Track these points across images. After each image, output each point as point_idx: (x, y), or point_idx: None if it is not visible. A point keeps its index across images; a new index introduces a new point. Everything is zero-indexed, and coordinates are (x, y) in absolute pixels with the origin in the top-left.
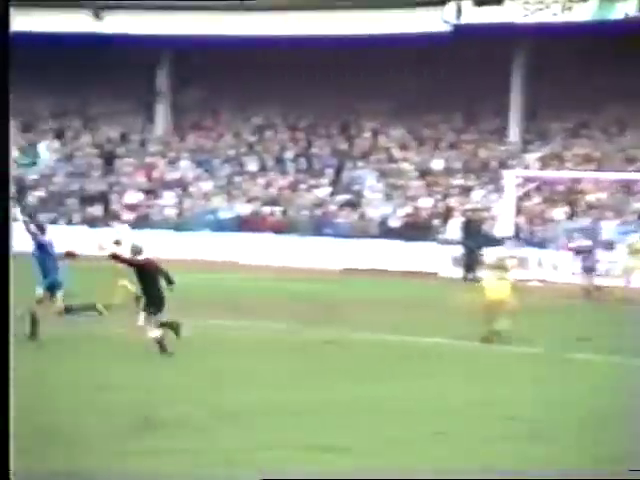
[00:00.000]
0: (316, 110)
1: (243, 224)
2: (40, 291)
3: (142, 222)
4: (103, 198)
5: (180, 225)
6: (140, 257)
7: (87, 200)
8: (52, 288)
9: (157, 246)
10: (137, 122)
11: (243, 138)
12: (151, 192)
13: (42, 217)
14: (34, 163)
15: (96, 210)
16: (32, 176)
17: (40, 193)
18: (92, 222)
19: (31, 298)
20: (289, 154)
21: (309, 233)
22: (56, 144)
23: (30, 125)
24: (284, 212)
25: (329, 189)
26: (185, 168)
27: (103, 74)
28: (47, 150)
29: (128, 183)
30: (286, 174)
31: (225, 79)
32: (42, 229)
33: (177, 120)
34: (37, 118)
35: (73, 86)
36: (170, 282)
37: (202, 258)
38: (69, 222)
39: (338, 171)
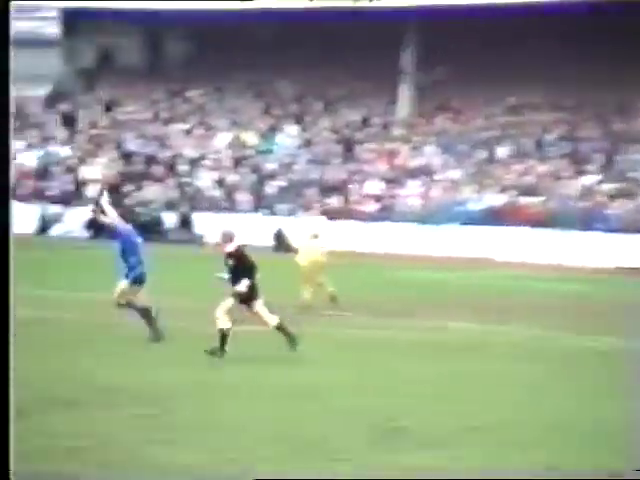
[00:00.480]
0: (583, 87)
1: (496, 216)
2: (124, 284)
3: (384, 214)
4: (343, 188)
5: (425, 218)
6: (231, 245)
7: (326, 190)
8: (137, 282)
9: (399, 240)
10: (379, 104)
11: (495, 120)
12: (393, 181)
13: (280, 208)
14: (271, 150)
15: (335, 201)
16: (270, 164)
17: (280, 182)
18: (331, 214)
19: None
20: (550, 137)
21: (574, 227)
22: (295, 129)
23: (269, 109)
24: (544, 203)
25: (597, 177)
26: (430, 154)
27: (346, 53)
28: (286, 136)
29: (369, 171)
30: (547, 160)
31: (475, 55)
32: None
33: (422, 101)
34: (279, 101)
35: (313, 67)
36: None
37: (449, 254)
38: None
39: (609, 156)
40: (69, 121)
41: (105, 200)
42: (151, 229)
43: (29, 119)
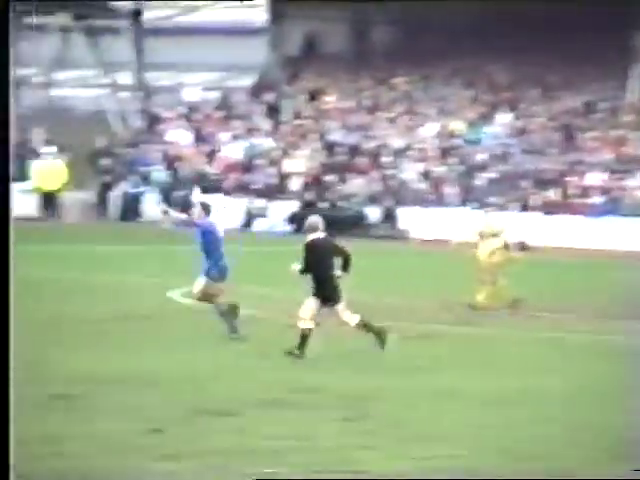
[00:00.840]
0: None
1: None
2: (203, 280)
3: (609, 207)
4: (560, 179)
5: None
6: (313, 235)
7: (542, 182)
8: (219, 277)
9: (628, 236)
10: (605, 89)
11: None
12: (620, 171)
13: (492, 201)
14: (479, 140)
15: (552, 194)
16: (480, 155)
17: (491, 174)
18: (548, 207)
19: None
20: None
21: None
22: (508, 117)
23: (479, 96)
24: None
25: None
26: None
27: (561, 36)
28: (497, 125)
29: (591, 161)
30: None
31: None
32: (207, 210)
33: None
34: (490, 88)
35: (526, 52)
36: (345, 269)
37: None
38: (523, 208)
39: None
40: (273, 112)
41: (197, 195)
42: (354, 224)
43: (234, 110)
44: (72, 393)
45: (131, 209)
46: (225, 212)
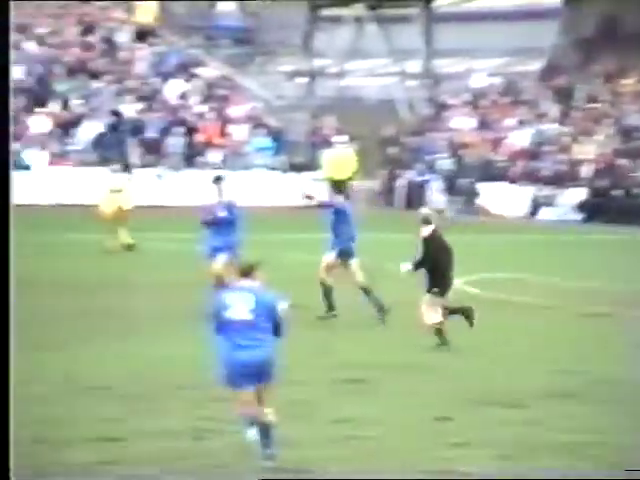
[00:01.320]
0: None
1: None
2: (331, 256)
3: None
4: None
5: None
6: (427, 228)
7: None
8: (343, 255)
9: None
10: None
11: None
12: None
13: None
14: None
15: None
16: None
17: None
18: None
19: None
20: None
21: None
22: None
23: None
24: None
25: None
26: None
27: None
28: None
29: None
30: None
31: None
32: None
33: None
34: None
35: None
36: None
37: None
38: None
39: None
40: (563, 96)
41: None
42: None
43: (521, 95)
44: (360, 377)
45: (416, 197)
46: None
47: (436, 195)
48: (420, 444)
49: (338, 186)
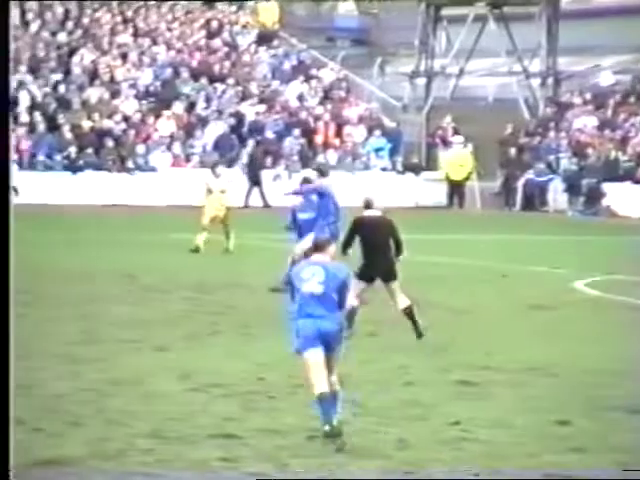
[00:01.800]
0: None
1: None
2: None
3: None
4: None
5: None
6: (369, 212)
7: None
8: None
9: None
10: None
11: None
12: None
13: None
14: None
15: None
16: None
17: None
18: None
19: None
20: None
21: None
22: None
23: None
24: None
25: None
26: None
27: None
28: None
29: None
30: None
31: None
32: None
33: None
34: None
35: None
36: (398, 252)
37: None
38: None
39: None
40: None
41: None
42: None
43: None
44: (472, 381)
45: (536, 198)
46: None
47: (557, 195)
48: (535, 448)
49: (456, 186)
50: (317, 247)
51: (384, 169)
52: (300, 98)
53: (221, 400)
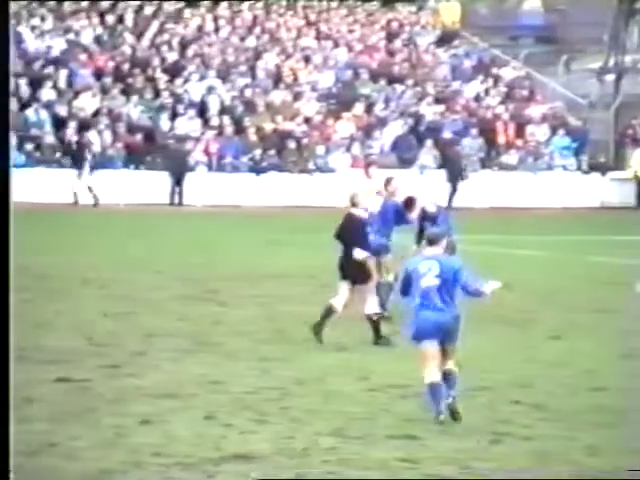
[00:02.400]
0: None
1: None
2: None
3: None
4: None
5: None
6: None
7: None
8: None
9: None
10: None
11: None
12: None
13: None
14: None
15: None
16: None
17: None
18: None
19: None
20: None
21: None
22: None
23: None
24: None
25: None
26: None
27: None
28: None
29: None
30: None
31: None
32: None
33: None
34: None
35: None
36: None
37: None
38: None
39: None
40: None
41: None
42: None
43: None
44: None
45: None
46: None
47: None
48: None
49: None
50: (430, 241)
51: (567, 169)
52: (479, 97)
53: (400, 401)
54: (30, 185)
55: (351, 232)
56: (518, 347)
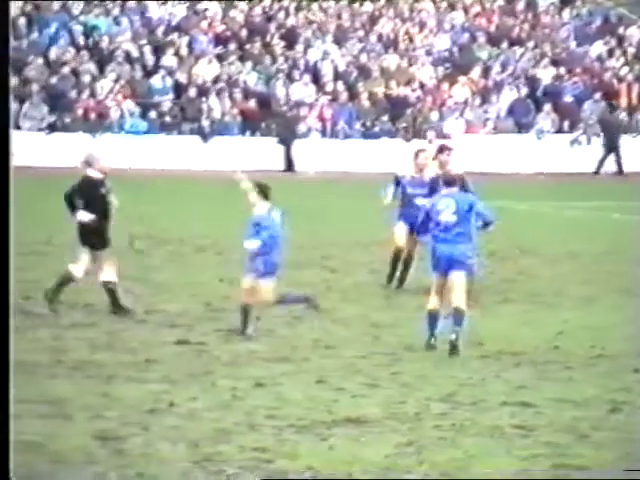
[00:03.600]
0: None
1: None
2: None
3: None
4: None
5: None
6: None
7: None
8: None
9: None
10: None
11: None
12: None
13: None
14: None
15: None
16: None
17: None
18: None
19: None
20: None
21: None
22: None
23: None
24: None
25: None
26: None
27: None
28: None
29: None
30: None
31: None
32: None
33: None
34: None
35: None
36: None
37: None
38: None
39: None
40: None
41: None
42: None
43: None
44: None
45: None
46: None
47: None
48: None
49: None
50: (447, 182)
51: None
52: (602, 59)
53: (514, 368)
54: (152, 152)
55: (84, 194)
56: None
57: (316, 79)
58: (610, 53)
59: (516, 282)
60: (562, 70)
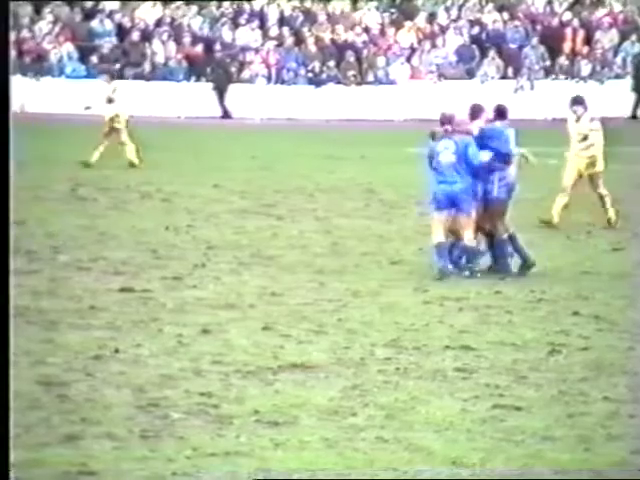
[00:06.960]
0: None
1: None
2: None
3: None
4: None
5: None
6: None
7: None
8: None
9: None
10: None
11: None
12: None
13: None
14: None
15: None
16: None
17: None
18: None
19: None
20: None
21: None
22: None
23: None
24: None
25: None
26: None
27: None
28: None
29: None
30: None
31: None
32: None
33: None
34: None
35: None
36: None
37: None
38: None
39: None
40: None
41: None
42: None
43: None
44: None
45: None
46: None
47: None
48: None
49: None
50: (443, 123)
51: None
52: (547, 3)
53: (456, 313)
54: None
55: None
56: (579, 259)
57: (262, 24)
58: None
59: None
60: (505, 15)
